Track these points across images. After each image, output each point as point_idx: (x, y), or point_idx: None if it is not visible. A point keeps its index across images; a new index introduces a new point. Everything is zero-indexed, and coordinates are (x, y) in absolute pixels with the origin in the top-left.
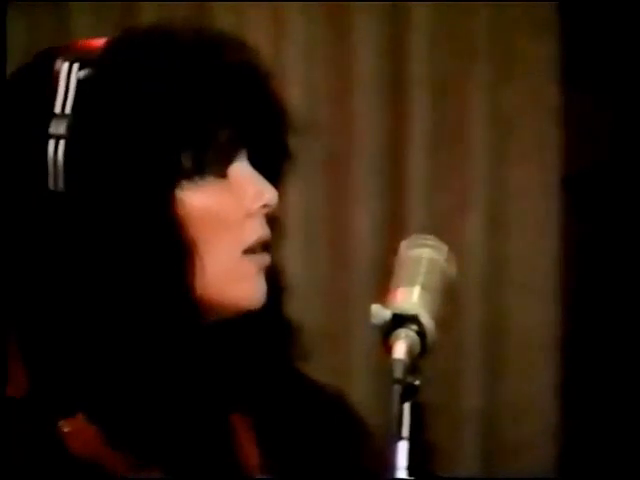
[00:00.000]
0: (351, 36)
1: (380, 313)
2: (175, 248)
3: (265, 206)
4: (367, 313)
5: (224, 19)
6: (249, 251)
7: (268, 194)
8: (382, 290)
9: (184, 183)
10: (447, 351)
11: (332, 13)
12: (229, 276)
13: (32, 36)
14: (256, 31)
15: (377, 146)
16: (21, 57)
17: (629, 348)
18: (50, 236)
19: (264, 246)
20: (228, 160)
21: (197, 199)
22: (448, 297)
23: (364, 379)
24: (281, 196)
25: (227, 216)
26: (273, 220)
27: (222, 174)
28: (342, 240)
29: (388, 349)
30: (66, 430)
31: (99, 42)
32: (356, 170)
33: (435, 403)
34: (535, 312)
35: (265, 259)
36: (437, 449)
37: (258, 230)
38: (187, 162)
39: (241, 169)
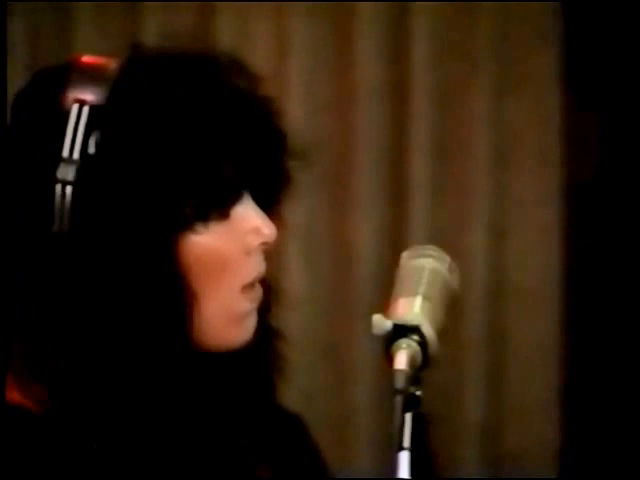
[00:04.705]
0: (354, 46)
1: (381, 323)
2: (175, 292)
3: (264, 243)
4: (369, 325)
5: (227, 29)
6: (246, 288)
7: (267, 230)
8: (384, 302)
9: (188, 228)
10: (449, 361)
11: (335, 23)
12: (225, 315)
13: (33, 39)
14: (259, 40)
15: (379, 156)
16: (22, 60)
17: (632, 357)
18: (56, 274)
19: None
20: (232, 202)
21: (200, 242)
22: (450, 307)
23: (367, 390)
24: (282, 216)
25: (228, 256)
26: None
27: (226, 216)
28: (344, 251)
29: (390, 360)
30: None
31: (103, 78)
32: (358, 180)
33: (436, 413)
34: (537, 321)
35: (259, 292)
36: (439, 459)
37: (257, 267)
38: (190, 209)
39: (243, 207)
